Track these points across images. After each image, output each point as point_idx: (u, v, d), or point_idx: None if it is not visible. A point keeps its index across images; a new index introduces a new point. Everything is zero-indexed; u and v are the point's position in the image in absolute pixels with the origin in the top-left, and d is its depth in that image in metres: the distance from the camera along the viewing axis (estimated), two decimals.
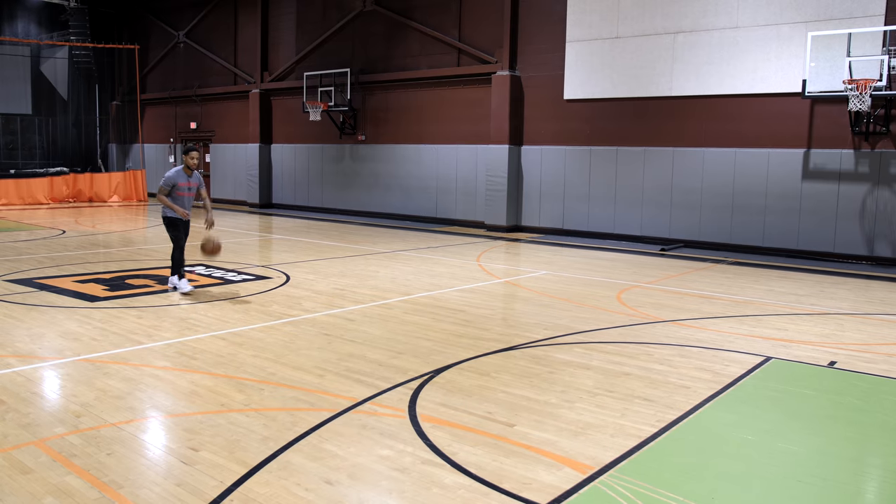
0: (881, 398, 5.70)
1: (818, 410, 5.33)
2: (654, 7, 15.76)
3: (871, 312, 9.11)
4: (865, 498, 4.03)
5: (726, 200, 14.99)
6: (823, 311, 9.03)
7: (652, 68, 15.84)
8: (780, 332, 7.78)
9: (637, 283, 10.78)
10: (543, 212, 17.75)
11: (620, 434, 4.69)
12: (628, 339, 7.22)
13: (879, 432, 4.97)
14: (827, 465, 4.38)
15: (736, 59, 14.79)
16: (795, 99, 14.02)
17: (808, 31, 13.54)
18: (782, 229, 14.40)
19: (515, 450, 4.41)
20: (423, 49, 19.78)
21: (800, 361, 6.63)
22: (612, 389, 5.62)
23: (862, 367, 6.51)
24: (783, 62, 14.25)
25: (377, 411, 5.02)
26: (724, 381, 5.88)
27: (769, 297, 9.92)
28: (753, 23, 14.59)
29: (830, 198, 13.92)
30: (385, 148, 20.84)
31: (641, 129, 16.08)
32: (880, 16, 13.32)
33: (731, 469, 4.24)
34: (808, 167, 14.15)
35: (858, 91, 12.63)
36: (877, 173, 13.52)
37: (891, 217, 13.39)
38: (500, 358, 6.48)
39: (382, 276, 10.86)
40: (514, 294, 9.95)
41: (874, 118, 13.37)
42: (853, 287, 11.08)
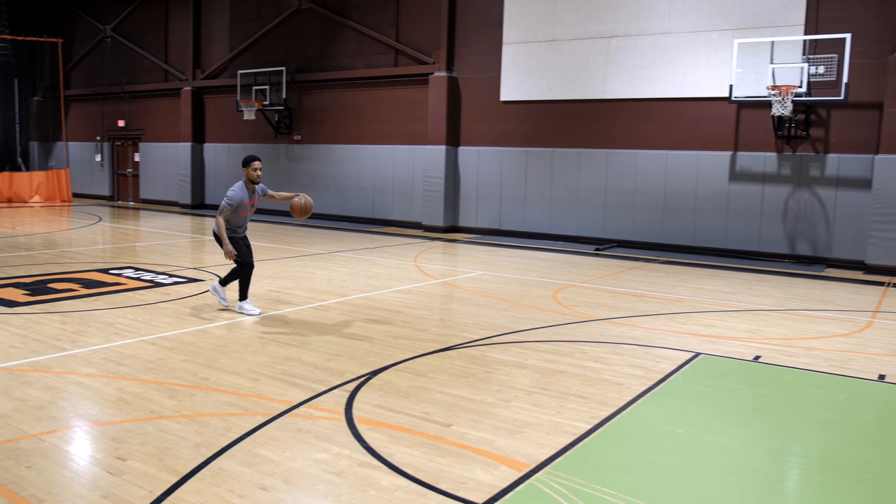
0: (802, 390, 5.92)
1: (744, 403, 5.51)
2: (588, 11, 16.03)
3: (793, 308, 9.45)
4: (788, 486, 4.19)
5: (658, 201, 15.35)
6: (749, 308, 9.33)
7: (587, 71, 16.10)
8: (709, 329, 8.00)
9: (572, 283, 10.95)
10: (480, 212, 17.86)
11: (556, 431, 4.75)
12: (564, 338, 7.33)
13: (801, 423, 5.16)
14: (753, 455, 4.52)
15: (667, 63, 15.16)
16: (723, 103, 14.45)
17: (735, 39, 13.98)
18: (711, 229, 14.83)
19: (452, 450, 4.42)
20: (361, 49, 19.67)
21: (727, 356, 6.84)
22: (547, 388, 5.69)
23: (784, 360, 6.75)
24: (712, 67, 14.67)
25: (313, 414, 4.96)
26: (656, 377, 6.02)
27: (699, 295, 10.20)
28: (684, 29, 14.98)
29: (756, 199, 14.39)
30: (321, 148, 20.66)
31: (577, 131, 16.33)
32: (800, 25, 13.84)
33: (662, 462, 4.34)
34: (735, 169, 14.60)
35: (781, 97, 13.10)
36: (798, 175, 14.05)
37: (811, 217, 13.93)
38: (437, 358, 6.49)
39: (318, 278, 10.75)
40: (451, 294, 9.98)
41: (795, 123, 13.88)
42: (777, 284, 11.49)
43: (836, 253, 13.79)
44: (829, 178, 13.80)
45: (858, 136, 13.55)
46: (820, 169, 13.87)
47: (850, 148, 13.62)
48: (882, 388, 6.09)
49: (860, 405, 5.64)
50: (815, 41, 13.47)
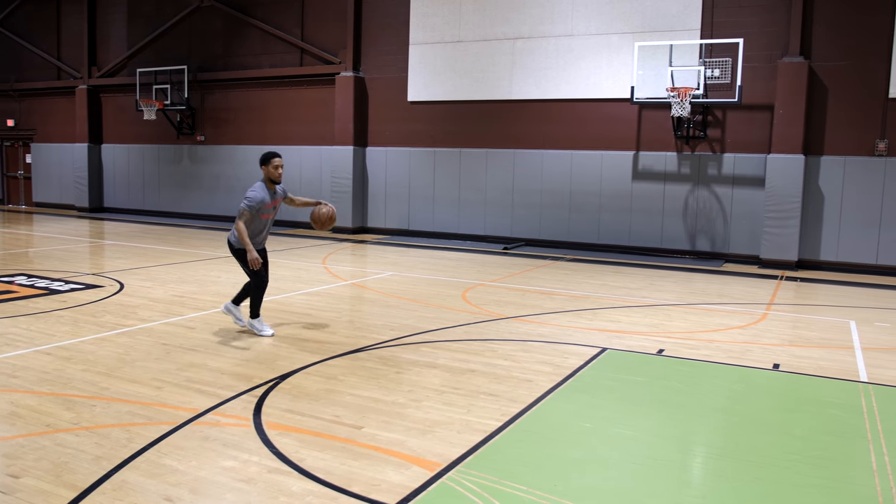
0: (703, 381, 6.15)
1: (649, 396, 5.67)
2: (494, 13, 16.21)
3: (694, 303, 9.82)
4: (691, 473, 4.34)
5: (564, 200, 15.68)
6: (653, 303, 9.64)
7: (493, 72, 16.29)
8: (615, 324, 8.22)
9: (481, 282, 11.04)
10: (389, 213, 17.81)
11: (467, 430, 4.77)
12: (473, 337, 7.37)
13: (702, 413, 5.36)
14: (658, 446, 4.66)
15: (572, 65, 15.50)
16: (625, 104, 14.88)
17: (635, 42, 14.42)
18: (615, 227, 15.25)
19: (364, 452, 4.37)
20: (266, 47, 19.29)
21: (632, 351, 7.03)
22: (458, 387, 5.71)
23: (686, 353, 7.00)
24: (614, 69, 15.08)
25: (220, 422, 4.82)
26: (564, 373, 6.13)
27: (604, 292, 10.46)
28: (587, 31, 15.35)
29: (657, 197, 14.89)
30: (226, 149, 20.15)
31: (484, 131, 16.49)
32: (697, 30, 14.40)
33: (572, 456, 4.41)
34: (637, 169, 15.06)
35: (680, 98, 13.59)
36: (696, 174, 14.62)
37: (709, 214, 14.52)
38: (347, 360, 6.42)
39: (225, 282, 10.48)
40: (360, 296, 9.90)
41: (693, 123, 14.44)
42: (678, 279, 11.91)
43: (733, 248, 14.42)
44: (725, 177, 14.41)
45: (752, 136, 14.21)
46: (717, 168, 14.47)
47: (745, 148, 14.26)
48: (776, 376, 6.39)
49: (757, 394, 5.90)
50: (711, 45, 14.05)
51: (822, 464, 4.42)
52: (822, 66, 13.65)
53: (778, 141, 13.66)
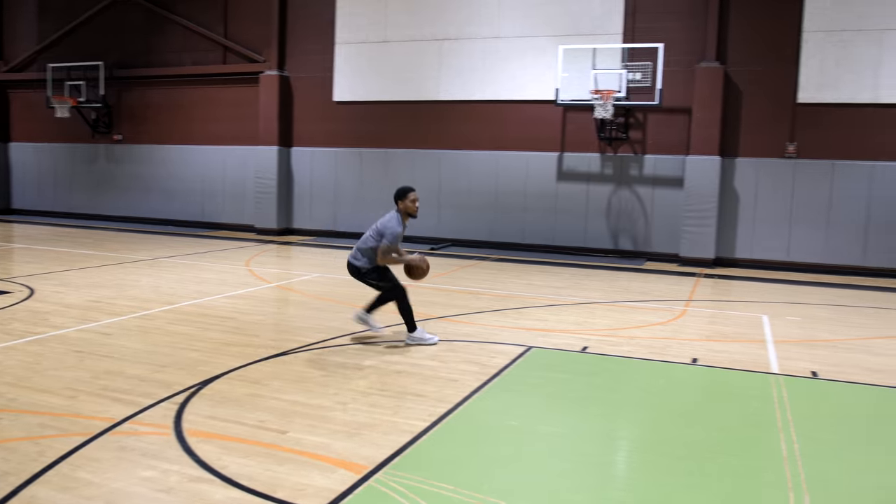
0: (626, 377, 6.29)
1: (574, 393, 5.76)
2: (420, 14, 16.22)
3: (617, 300, 10.04)
4: (616, 468, 4.43)
5: (490, 200, 15.80)
6: (577, 302, 9.80)
7: (420, 73, 16.29)
8: (540, 323, 8.32)
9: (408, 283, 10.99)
10: (315, 214, 17.61)
11: (394, 431, 4.74)
12: (400, 338, 7.34)
13: (626, 408, 5.47)
14: (583, 441, 4.73)
15: (498, 67, 15.64)
16: (550, 106, 15.10)
17: (560, 45, 14.65)
18: (540, 227, 15.46)
19: (289, 457, 4.30)
20: (188, 44, 18.80)
21: (557, 349, 7.13)
22: (385, 388, 5.68)
23: (609, 350, 7.14)
24: (539, 72, 15.29)
25: (138, 430, 4.66)
26: (491, 372, 6.17)
27: (530, 291, 10.58)
28: (513, 34, 15.51)
29: (581, 197, 15.16)
30: (145, 148, 19.55)
31: (411, 131, 16.48)
32: (619, 34, 14.74)
33: (498, 454, 4.44)
34: (561, 169, 15.30)
35: (603, 100, 13.88)
36: (619, 175, 14.95)
37: (631, 214, 14.87)
38: (272, 364, 6.31)
39: (144, 286, 10.15)
40: (285, 298, 9.75)
41: (616, 125, 14.76)
42: (602, 278, 12.16)
43: (654, 247, 14.81)
44: (646, 178, 14.78)
45: (672, 138, 14.62)
46: (639, 169, 14.83)
47: (665, 149, 14.67)
48: (695, 370, 6.58)
49: (677, 388, 6.07)
50: (633, 49, 14.40)
51: (737, 453, 4.58)
52: (736, 71, 14.16)
53: (696, 143, 14.10)
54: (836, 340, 7.99)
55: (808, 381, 6.32)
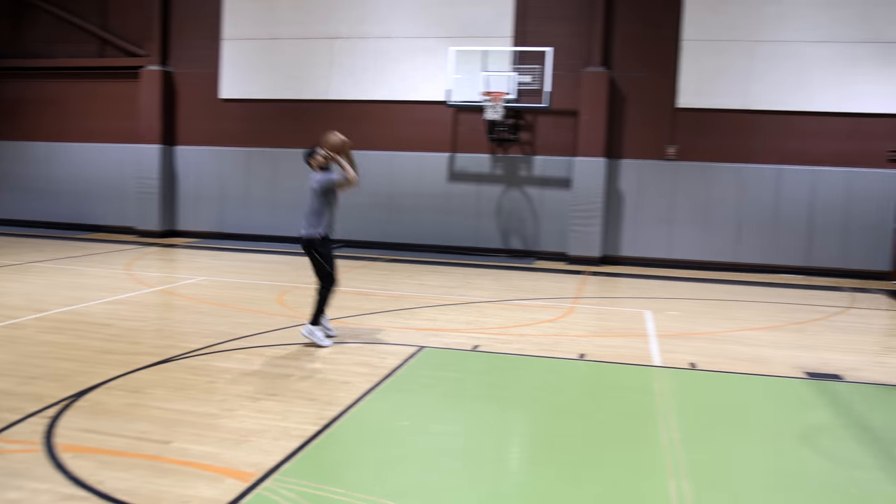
0: (517, 374, 6.38)
1: (466, 391, 5.80)
2: (311, 11, 15.97)
3: (508, 299, 10.20)
4: (507, 464, 4.48)
5: (383, 201, 15.74)
6: (468, 301, 9.90)
7: (310, 71, 16.05)
8: (432, 323, 8.34)
9: (298, 285, 10.83)
10: (201, 215, 17.04)
11: (284, 437, 4.63)
12: (290, 341, 7.20)
13: (517, 404, 5.55)
14: (476, 439, 4.77)
15: (390, 67, 15.60)
16: (442, 107, 15.19)
17: (451, 46, 14.76)
18: (433, 227, 15.54)
19: (173, 468, 4.12)
20: (61, 35, 17.76)
21: (449, 348, 7.17)
22: (274, 393, 5.54)
23: (500, 348, 7.24)
24: (431, 72, 15.35)
25: (4, 448, 4.35)
26: (382, 373, 6.13)
27: (422, 291, 10.61)
28: (404, 34, 15.51)
29: (473, 198, 15.34)
30: (14, 146, 18.35)
31: (301, 131, 16.19)
32: (509, 37, 15.01)
33: (390, 456, 4.41)
34: (453, 170, 15.43)
35: (493, 102, 14.09)
36: (509, 175, 15.22)
37: (521, 214, 15.17)
38: (154, 372, 6.04)
39: (12, 292, 9.52)
40: (169, 303, 9.37)
41: (506, 127, 15.01)
42: (493, 277, 12.33)
43: (543, 246, 15.15)
44: (536, 178, 15.11)
45: (560, 140, 15.00)
46: (528, 170, 15.14)
47: (553, 150, 15.03)
48: (583, 365, 6.76)
49: (566, 383, 6.21)
50: (522, 53, 14.67)
51: (621, 444, 4.73)
52: (621, 76, 14.68)
53: (582, 145, 14.53)
54: (712, 333, 8.40)
55: (687, 372, 6.61)
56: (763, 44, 14.17)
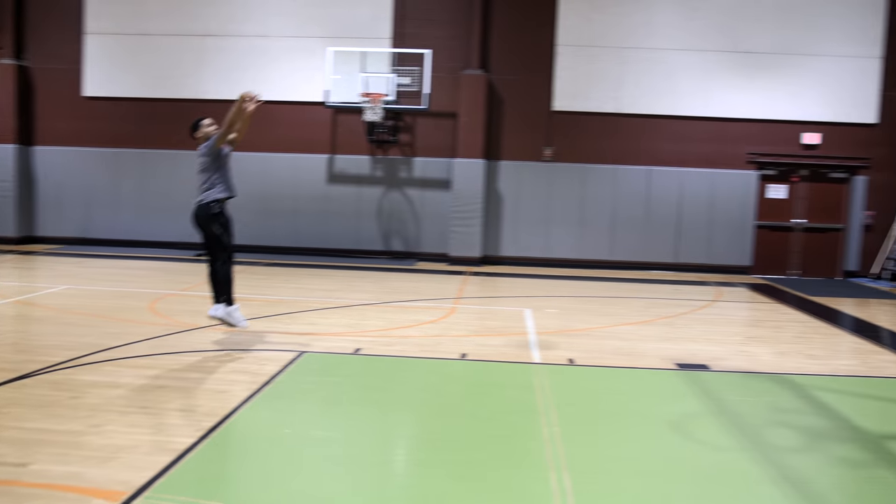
0: (399, 376, 6.35)
1: (348, 395, 5.71)
2: (182, 6, 15.37)
3: (389, 301, 10.16)
4: (392, 467, 4.43)
5: (259, 203, 15.31)
6: (349, 304, 9.78)
7: (181, 69, 15.44)
8: (312, 327, 8.19)
9: (171, 292, 10.39)
10: (64, 220, 16.03)
11: (156, 451, 4.40)
12: (163, 351, 6.87)
13: (400, 407, 5.52)
14: (359, 444, 4.70)
15: (267, 66, 15.23)
16: (320, 108, 14.96)
17: (329, 47, 14.57)
18: (312, 229, 15.28)
19: (32, 492, 3.82)
20: None
21: (330, 352, 7.05)
22: (145, 406, 5.26)
23: (382, 350, 7.19)
24: (309, 73, 15.10)
25: None
26: (261, 380, 5.95)
27: (301, 295, 10.40)
28: (281, 33, 15.18)
29: (353, 199, 15.21)
30: None
31: (172, 132, 15.50)
32: (388, 39, 14.98)
33: (272, 465, 4.27)
34: (332, 171, 15.24)
35: (372, 104, 14.01)
36: (389, 177, 15.19)
37: (401, 216, 15.17)
38: (10, 390, 5.60)
39: None
40: (26, 315, 8.74)
41: (386, 128, 14.98)
42: (375, 279, 12.26)
43: (424, 247, 15.21)
44: (416, 180, 15.15)
45: (439, 141, 15.11)
46: (408, 171, 15.16)
47: (433, 152, 15.12)
48: (465, 365, 6.81)
49: (448, 383, 6.23)
50: (401, 54, 14.67)
51: (503, 440, 4.78)
52: (498, 79, 14.95)
53: (462, 146, 14.69)
54: (589, 329, 8.67)
55: (566, 368, 6.79)
56: (633, 50, 14.80)
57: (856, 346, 8.39)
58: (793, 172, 15.11)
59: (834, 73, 14.75)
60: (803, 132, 14.86)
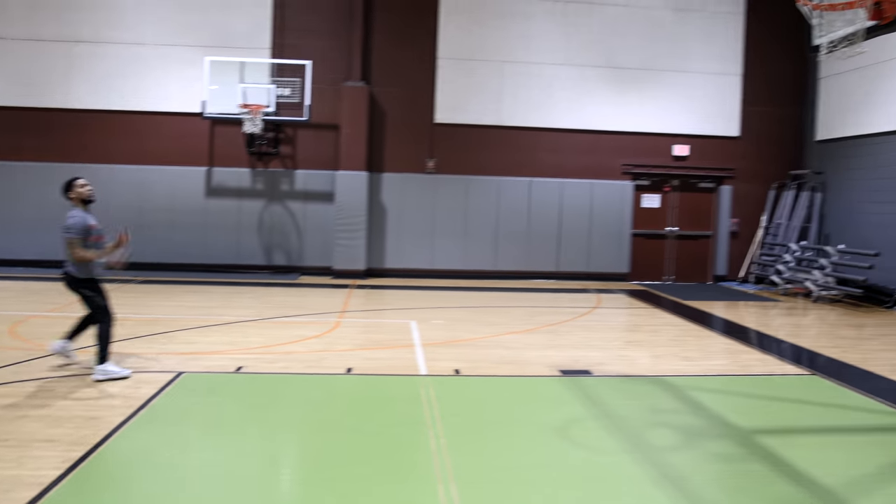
0: (282, 393, 6.19)
1: (230, 416, 5.51)
2: (46, 9, 14.48)
3: (272, 316, 9.92)
4: (278, 486, 4.29)
5: (133, 217, 14.43)
6: (230, 321, 9.48)
7: (46, 77, 14.53)
8: (191, 346, 7.87)
9: (36, 313, 9.75)
10: None
11: (17, 486, 4.09)
12: (25, 377, 6.42)
13: (284, 424, 5.37)
14: (242, 465, 4.54)
15: (141, 75, 14.58)
16: (197, 119, 14.46)
17: (206, 56, 14.13)
18: (191, 244, 14.71)
19: None
20: None
21: (210, 372, 6.79)
22: (4, 438, 4.89)
23: (265, 367, 7.00)
24: (185, 83, 14.57)
25: None
26: (137, 404, 5.65)
27: (180, 313, 10.00)
28: (156, 41, 14.59)
29: (233, 213, 14.77)
30: None
31: (39, 144, 14.55)
32: (267, 49, 14.69)
33: (150, 491, 4.07)
34: (211, 184, 14.75)
35: (252, 115, 13.68)
36: (271, 190, 14.86)
37: (283, 229, 14.87)
38: None
39: None
40: None
41: (266, 140, 14.66)
42: (256, 295, 11.94)
43: (307, 261, 14.95)
44: (298, 193, 14.89)
45: (322, 153, 14.92)
46: (290, 184, 14.88)
47: (315, 164, 14.91)
48: (350, 379, 6.72)
49: (333, 399, 6.12)
50: (282, 65, 14.41)
51: (390, 454, 4.75)
52: (380, 91, 14.93)
53: (344, 158, 14.56)
54: (474, 339, 8.75)
55: (453, 378, 6.82)
56: (512, 64, 15.14)
57: (726, 346, 8.87)
58: (665, 183, 15.87)
59: (700, 88, 15.62)
60: (674, 144, 15.64)
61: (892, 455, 5.06)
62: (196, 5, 14.65)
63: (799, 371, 7.60)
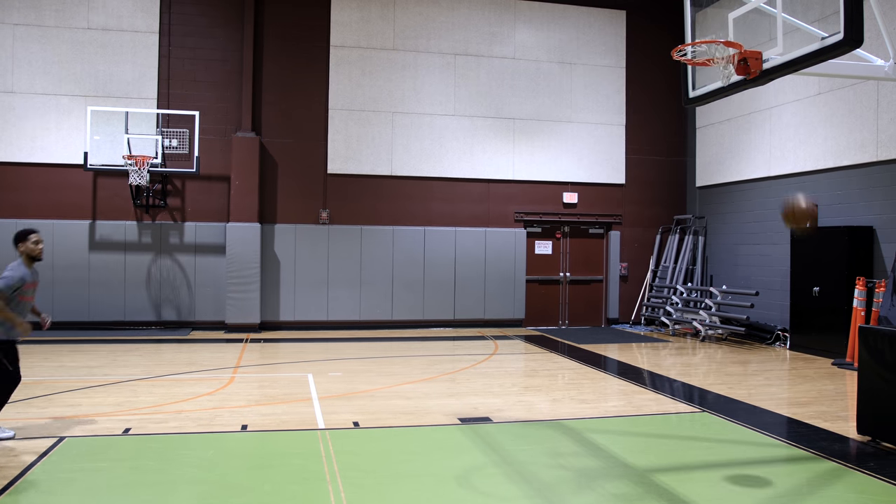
0: (173, 455, 5.93)
1: (116, 481, 5.23)
2: None
3: (162, 374, 9.53)
4: None
5: None
6: (117, 380, 9.05)
7: None
8: (74, 409, 7.46)
9: None
10: None
11: None
12: None
13: (173, 488, 5.13)
14: None
15: (14, 125, 13.94)
16: (79, 170, 13.94)
17: (88, 106, 13.68)
18: (72, 301, 14.00)
19: None
20: None
21: (95, 435, 6.44)
22: None
23: (155, 428, 6.70)
24: (64, 133, 14.04)
25: None
26: (12, 474, 5.29)
27: (60, 374, 9.47)
28: (31, 90, 14.02)
29: (119, 267, 14.20)
30: None
31: None
32: (153, 99, 14.37)
33: None
34: (94, 238, 14.16)
35: (138, 166, 13.28)
36: (159, 243, 14.40)
37: (173, 283, 14.39)
38: None
39: None
40: None
41: (154, 192, 14.24)
42: (145, 352, 11.46)
43: (199, 315, 14.49)
44: (188, 245, 14.48)
45: (212, 205, 14.61)
46: (179, 237, 14.46)
47: (206, 216, 14.58)
48: (245, 437, 6.52)
49: (227, 458, 5.92)
50: (169, 115, 14.12)
51: None
52: (272, 142, 14.83)
53: (235, 210, 14.31)
54: (373, 390, 8.68)
55: (351, 431, 6.73)
56: (403, 115, 15.39)
57: (621, 387, 9.15)
58: (556, 229, 16.39)
59: (587, 138, 16.34)
60: (564, 192, 16.22)
61: (780, 486, 5.33)
62: (78, 55, 14.21)
63: (690, 409, 7.92)
